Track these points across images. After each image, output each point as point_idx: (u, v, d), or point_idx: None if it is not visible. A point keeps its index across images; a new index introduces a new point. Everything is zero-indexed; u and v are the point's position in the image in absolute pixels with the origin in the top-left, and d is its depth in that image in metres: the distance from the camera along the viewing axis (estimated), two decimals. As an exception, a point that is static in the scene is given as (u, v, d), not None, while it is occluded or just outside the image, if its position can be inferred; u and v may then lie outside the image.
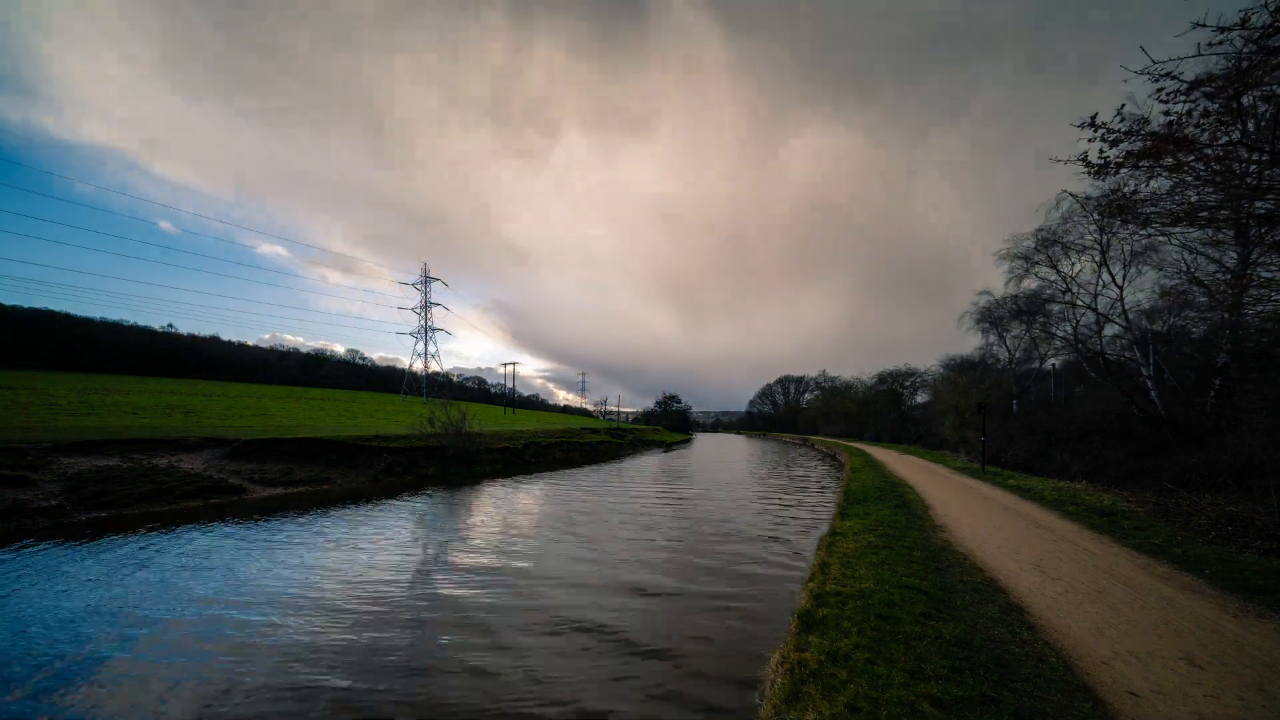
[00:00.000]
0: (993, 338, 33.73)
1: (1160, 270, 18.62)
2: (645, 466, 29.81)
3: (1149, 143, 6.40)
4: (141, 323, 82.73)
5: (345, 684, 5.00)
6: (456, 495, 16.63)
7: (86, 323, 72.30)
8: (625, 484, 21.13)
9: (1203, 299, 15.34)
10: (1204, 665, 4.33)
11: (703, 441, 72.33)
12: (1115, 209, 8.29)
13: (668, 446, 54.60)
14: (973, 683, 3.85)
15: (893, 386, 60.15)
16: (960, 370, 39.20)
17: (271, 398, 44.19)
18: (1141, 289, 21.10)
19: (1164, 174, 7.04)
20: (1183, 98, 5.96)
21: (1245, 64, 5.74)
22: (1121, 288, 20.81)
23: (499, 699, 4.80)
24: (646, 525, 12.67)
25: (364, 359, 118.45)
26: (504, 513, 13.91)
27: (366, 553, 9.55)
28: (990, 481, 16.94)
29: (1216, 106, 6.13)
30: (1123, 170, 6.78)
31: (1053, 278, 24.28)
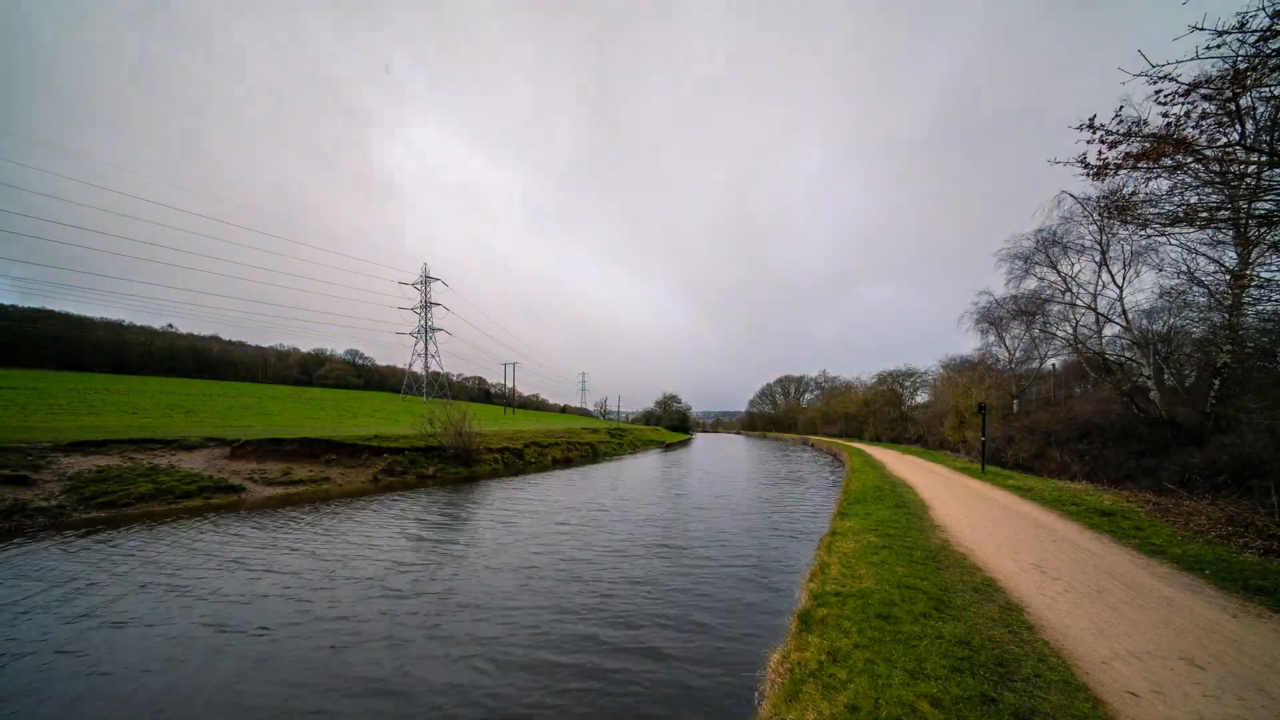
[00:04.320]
0: (992, 338, 33.74)
1: (1160, 270, 18.62)
2: (638, 466, 29.84)
3: (1148, 144, 6.41)
4: (141, 323, 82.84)
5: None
6: (454, 496, 16.62)
7: (87, 322, 72.42)
8: (620, 481, 21.16)
9: (1203, 299, 15.35)
10: (1204, 665, 4.33)
11: (701, 442, 72.32)
12: (1115, 210, 8.30)
13: (666, 447, 54.62)
14: (972, 682, 3.86)
15: (892, 386, 60.07)
16: (960, 370, 39.17)
17: (272, 398, 44.18)
18: (1141, 289, 21.16)
19: (1163, 175, 7.06)
20: (1181, 99, 5.99)
21: (1243, 66, 5.76)
22: (1121, 288, 20.83)
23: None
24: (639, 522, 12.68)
25: (364, 359, 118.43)
26: (500, 513, 13.92)
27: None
28: (990, 481, 16.92)
29: (1215, 108, 6.16)
30: (1121, 172, 6.79)
31: (1052, 278, 24.32)
